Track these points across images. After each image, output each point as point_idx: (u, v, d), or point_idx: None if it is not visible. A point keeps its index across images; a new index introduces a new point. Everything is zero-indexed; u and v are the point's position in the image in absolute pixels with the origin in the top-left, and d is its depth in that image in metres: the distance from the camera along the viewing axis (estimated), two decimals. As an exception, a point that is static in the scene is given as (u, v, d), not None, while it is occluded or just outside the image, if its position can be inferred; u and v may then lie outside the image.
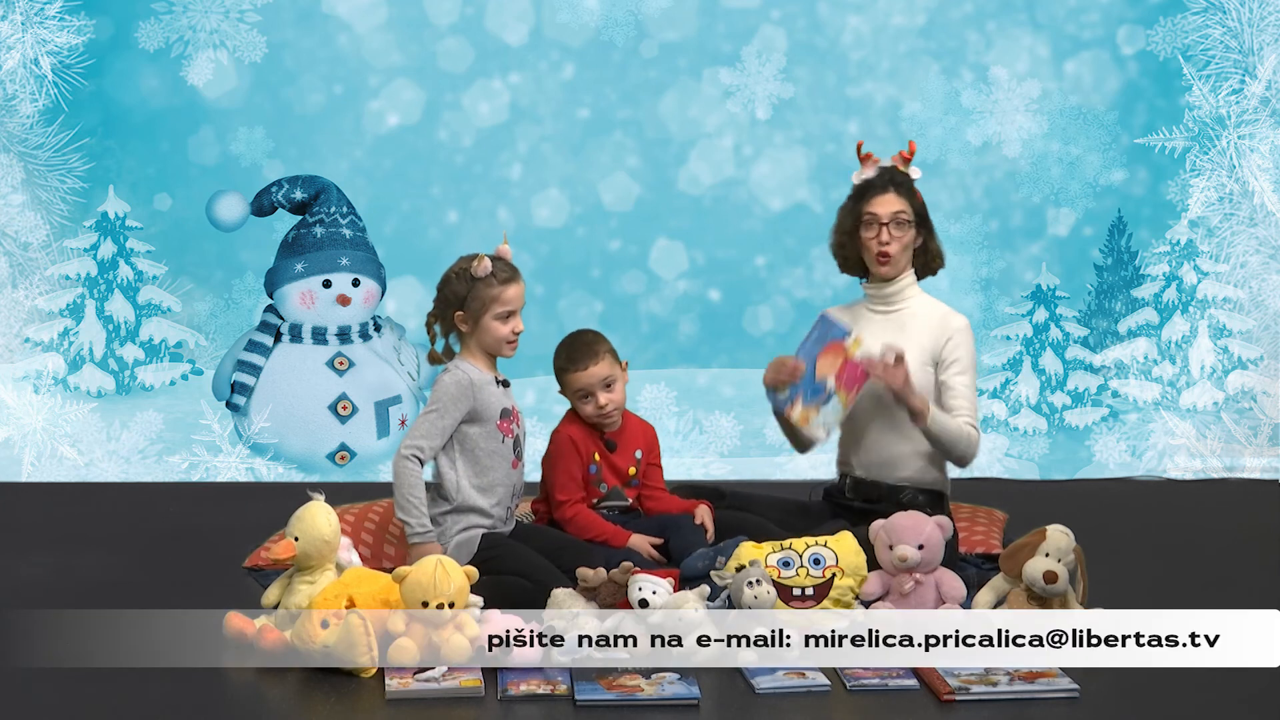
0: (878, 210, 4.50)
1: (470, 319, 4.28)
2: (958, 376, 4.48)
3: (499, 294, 4.26)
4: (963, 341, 4.50)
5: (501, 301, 4.26)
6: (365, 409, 6.16)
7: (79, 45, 6.29)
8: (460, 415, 4.27)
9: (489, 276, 4.25)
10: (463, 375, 4.28)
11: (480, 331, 4.29)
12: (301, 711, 3.58)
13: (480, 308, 4.26)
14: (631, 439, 4.58)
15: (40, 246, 6.32)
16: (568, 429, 4.51)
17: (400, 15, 6.44)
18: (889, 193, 4.50)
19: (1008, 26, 6.50)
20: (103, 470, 6.14)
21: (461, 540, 4.26)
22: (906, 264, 4.56)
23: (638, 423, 4.64)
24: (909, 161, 4.58)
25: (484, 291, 4.25)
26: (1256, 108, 6.36)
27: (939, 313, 4.55)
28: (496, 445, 4.31)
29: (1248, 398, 6.36)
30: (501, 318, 4.27)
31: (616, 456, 4.53)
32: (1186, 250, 6.43)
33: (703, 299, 6.57)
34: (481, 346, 4.32)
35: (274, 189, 6.19)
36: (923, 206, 4.56)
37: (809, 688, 3.63)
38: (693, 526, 4.45)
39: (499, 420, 4.31)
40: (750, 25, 6.48)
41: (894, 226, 4.49)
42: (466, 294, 4.26)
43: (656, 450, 4.66)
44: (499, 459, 4.32)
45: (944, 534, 4.08)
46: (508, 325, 4.29)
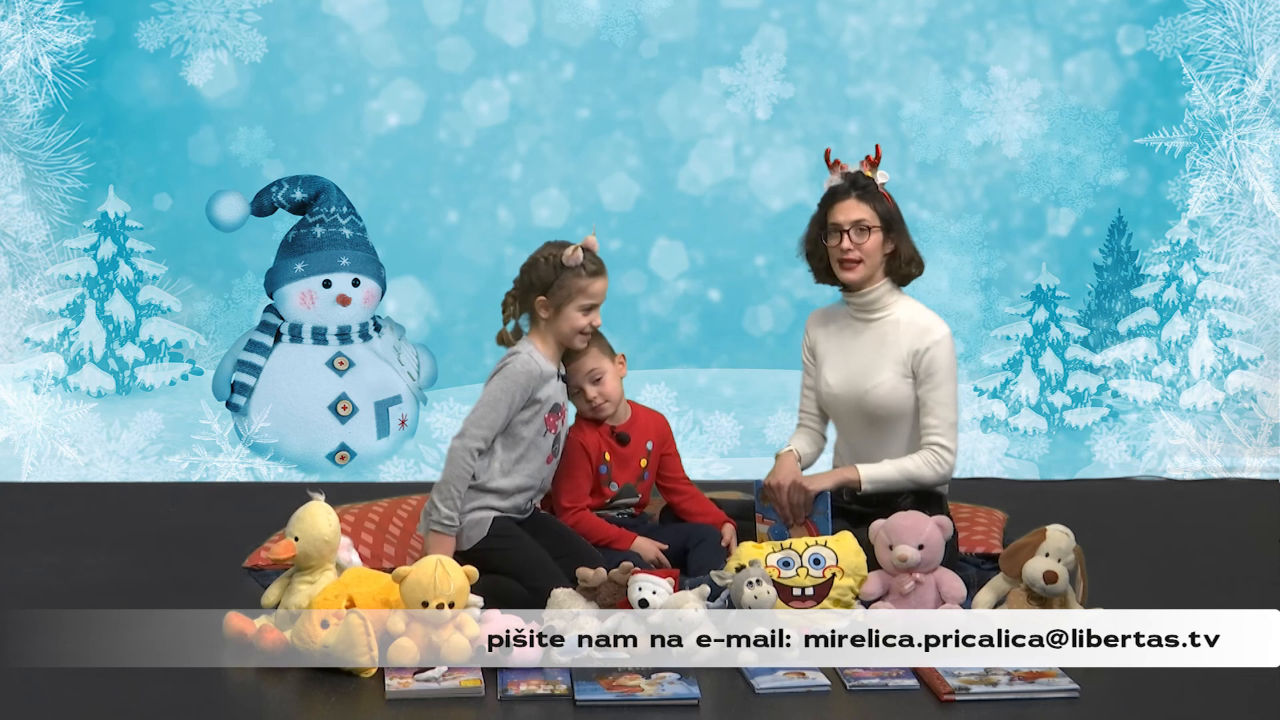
0: (839, 218, 4.45)
1: (552, 306, 4.26)
2: (931, 392, 4.44)
3: (586, 285, 4.25)
4: (940, 354, 4.44)
5: (588, 294, 4.25)
6: (365, 409, 6.16)
7: (79, 45, 6.29)
8: (521, 403, 4.24)
9: (579, 267, 4.24)
10: (532, 364, 4.24)
11: (559, 320, 4.27)
12: (301, 711, 3.58)
13: (565, 297, 4.24)
14: (642, 431, 4.56)
15: (40, 246, 6.32)
16: (578, 434, 4.50)
17: (400, 15, 6.44)
18: (850, 199, 4.45)
19: (1008, 26, 6.50)
20: (103, 470, 6.14)
21: (475, 519, 4.23)
22: (875, 271, 4.50)
23: (648, 414, 4.63)
24: (876, 165, 4.51)
25: (571, 281, 4.24)
26: (1256, 108, 6.36)
27: (921, 323, 4.48)
28: (539, 438, 4.29)
29: (1248, 398, 6.36)
30: (584, 309, 4.26)
31: (628, 450, 4.52)
32: (1186, 250, 6.43)
33: (703, 299, 6.57)
34: (555, 335, 4.30)
35: (274, 189, 6.20)
36: (891, 211, 4.48)
37: (809, 688, 3.63)
38: (718, 547, 4.43)
39: (548, 414, 4.30)
40: (750, 25, 6.48)
41: (855, 233, 4.43)
42: (553, 280, 4.24)
43: (671, 440, 4.65)
44: (537, 451, 4.29)
45: (944, 534, 4.08)
46: (587, 318, 4.28)
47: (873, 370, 4.47)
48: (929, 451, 4.41)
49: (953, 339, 4.49)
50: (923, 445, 4.43)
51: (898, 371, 4.46)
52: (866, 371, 4.48)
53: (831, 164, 4.54)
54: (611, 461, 4.50)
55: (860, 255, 4.45)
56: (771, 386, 6.33)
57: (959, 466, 4.54)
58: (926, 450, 4.42)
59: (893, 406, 4.45)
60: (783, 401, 6.15)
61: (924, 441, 4.44)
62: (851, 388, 4.49)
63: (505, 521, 4.27)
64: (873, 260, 4.48)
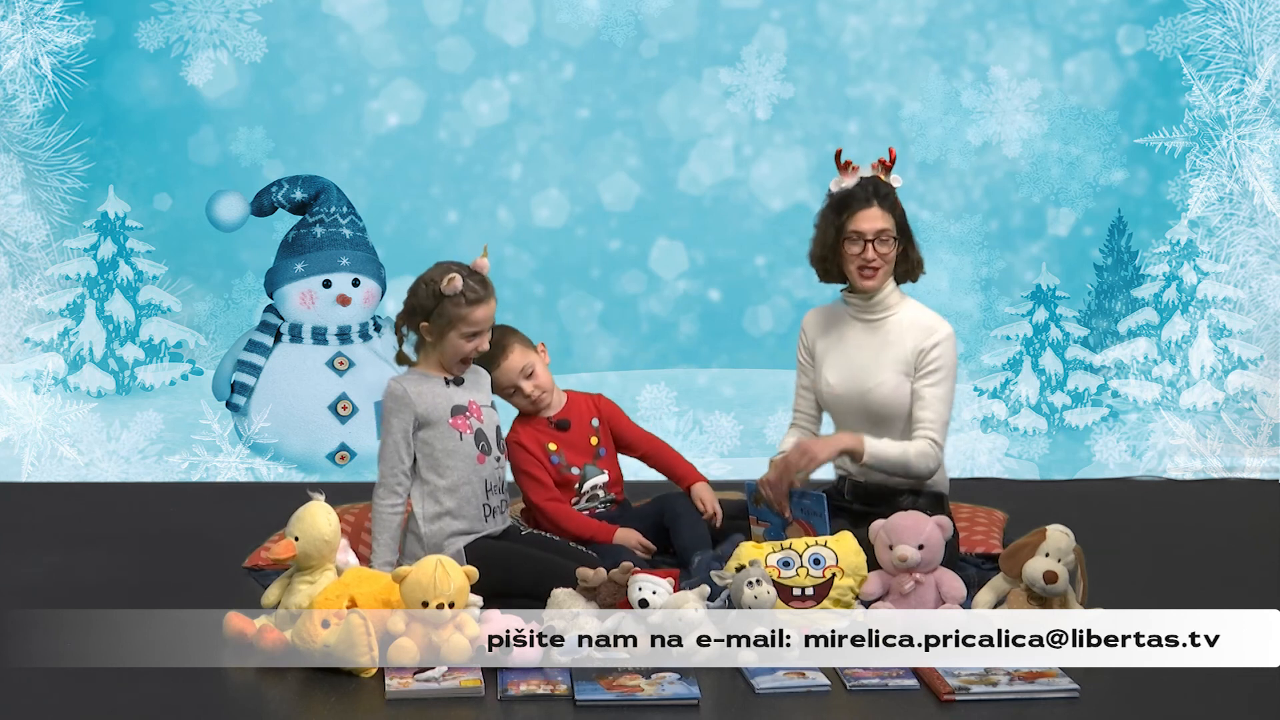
0: (863, 228, 4.41)
1: (434, 332, 4.24)
2: (930, 388, 4.44)
3: (467, 314, 4.20)
4: (943, 352, 4.44)
5: (469, 322, 4.21)
6: (365, 409, 6.16)
7: (79, 45, 6.29)
8: (406, 426, 4.22)
9: (457, 296, 4.18)
10: (394, 386, 4.24)
11: (444, 344, 4.25)
12: (301, 711, 3.58)
13: (447, 324, 4.21)
14: (581, 413, 4.61)
15: (40, 246, 6.32)
16: (514, 436, 4.54)
17: (400, 15, 6.45)
18: (873, 207, 4.41)
19: (1008, 26, 6.50)
20: (103, 470, 6.14)
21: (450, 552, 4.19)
22: (889, 276, 4.51)
23: (581, 397, 4.66)
24: (890, 169, 4.48)
25: (451, 309, 4.20)
26: (1256, 108, 6.36)
27: (925, 322, 4.48)
28: (454, 444, 4.25)
29: (1248, 398, 6.36)
30: (466, 336, 4.23)
31: (572, 435, 4.56)
32: (1186, 250, 6.43)
33: (703, 299, 6.57)
34: (440, 358, 4.28)
35: (274, 189, 6.19)
36: (904, 216, 4.48)
37: (809, 688, 3.63)
38: (694, 517, 4.46)
39: (450, 418, 4.26)
40: (750, 25, 6.48)
41: (879, 244, 4.42)
42: (433, 308, 4.21)
43: (615, 410, 4.68)
44: (459, 458, 4.25)
45: (944, 534, 4.08)
46: (471, 344, 4.24)
47: (875, 370, 4.47)
48: (924, 442, 4.41)
49: (955, 339, 4.49)
50: (914, 437, 4.43)
51: (900, 371, 4.45)
52: (869, 371, 4.47)
53: (842, 165, 4.48)
54: (560, 449, 4.53)
55: (880, 264, 4.45)
56: (771, 386, 6.33)
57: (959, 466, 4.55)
58: (923, 442, 4.42)
59: (895, 406, 4.45)
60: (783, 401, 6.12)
61: (915, 434, 4.42)
62: (853, 387, 4.49)
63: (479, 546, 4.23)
64: (890, 268, 4.48)
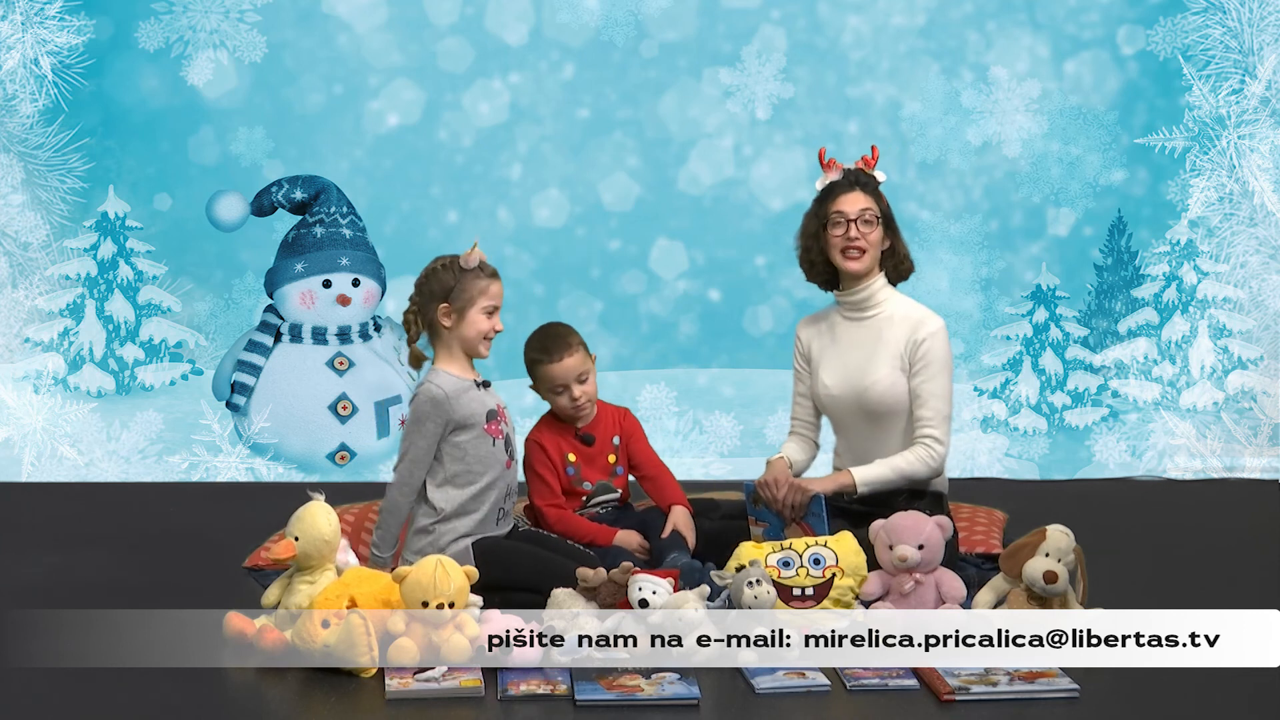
0: (845, 208, 4.45)
1: (455, 312, 4.24)
2: (926, 383, 4.44)
3: (487, 286, 4.23)
4: (933, 345, 4.45)
5: (489, 295, 4.24)
6: (365, 409, 6.16)
7: (79, 45, 6.30)
8: (439, 431, 4.22)
9: (477, 269, 4.22)
10: (435, 390, 4.21)
11: (464, 325, 4.23)
12: (301, 711, 3.58)
13: (468, 300, 4.22)
14: (607, 428, 4.57)
15: (40, 246, 6.32)
16: (537, 435, 4.52)
17: (400, 15, 6.45)
18: (855, 191, 4.47)
19: (1008, 26, 6.50)
20: (103, 470, 6.14)
21: (454, 552, 4.19)
22: (875, 265, 4.51)
23: (610, 410, 4.62)
24: (873, 166, 4.53)
25: (472, 284, 4.22)
26: (1256, 108, 6.36)
27: (914, 317, 4.49)
28: (487, 449, 4.26)
29: (1248, 398, 6.36)
30: (487, 312, 4.24)
31: (593, 450, 4.52)
32: (1186, 250, 6.43)
33: (703, 299, 6.57)
34: (461, 344, 4.26)
35: (274, 189, 6.19)
36: (889, 209, 4.52)
37: (809, 688, 3.63)
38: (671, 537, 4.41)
39: (485, 424, 4.27)
40: (750, 25, 6.48)
41: (861, 223, 4.45)
42: (454, 285, 4.22)
43: (637, 430, 4.63)
44: (491, 463, 4.27)
45: (944, 534, 4.08)
46: (490, 321, 4.25)
47: (869, 367, 4.47)
48: (920, 446, 4.42)
49: (947, 331, 4.49)
50: (915, 439, 4.44)
51: (894, 366, 4.46)
52: (863, 369, 4.48)
53: (826, 163, 4.54)
54: (578, 462, 4.51)
55: (865, 245, 4.46)
56: (771, 386, 6.32)
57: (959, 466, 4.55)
58: (918, 445, 4.42)
59: (891, 402, 4.45)
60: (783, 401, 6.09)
61: (916, 434, 4.44)
62: (850, 386, 4.50)
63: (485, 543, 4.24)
64: (875, 253, 4.49)
